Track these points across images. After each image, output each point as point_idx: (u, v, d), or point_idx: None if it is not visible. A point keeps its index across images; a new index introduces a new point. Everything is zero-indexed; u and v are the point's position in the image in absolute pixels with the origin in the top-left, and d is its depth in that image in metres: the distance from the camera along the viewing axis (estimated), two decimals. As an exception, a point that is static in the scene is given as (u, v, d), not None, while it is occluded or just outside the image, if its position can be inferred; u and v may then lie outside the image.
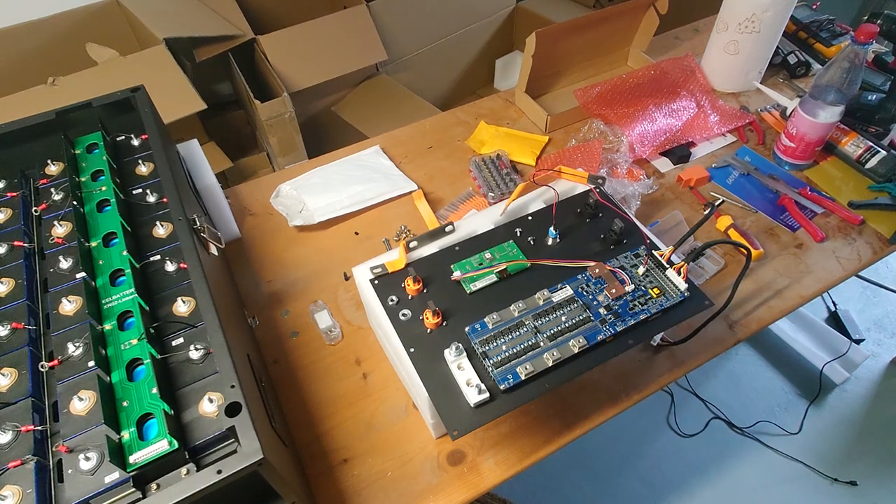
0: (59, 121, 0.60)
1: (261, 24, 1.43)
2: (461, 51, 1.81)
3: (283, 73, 1.33)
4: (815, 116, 0.80)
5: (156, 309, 0.47)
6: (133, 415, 0.40)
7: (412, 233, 0.79)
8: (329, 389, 0.63)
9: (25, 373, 0.43)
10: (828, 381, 1.43)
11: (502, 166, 0.86)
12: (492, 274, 0.54)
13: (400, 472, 0.57)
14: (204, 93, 1.15)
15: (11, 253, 0.51)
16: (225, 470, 0.35)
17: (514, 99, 1.01)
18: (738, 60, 0.96)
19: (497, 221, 0.60)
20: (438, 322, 0.50)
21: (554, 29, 0.91)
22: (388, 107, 1.53)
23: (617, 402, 0.61)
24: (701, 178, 0.84)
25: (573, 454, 1.32)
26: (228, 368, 0.40)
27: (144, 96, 0.63)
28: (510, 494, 1.24)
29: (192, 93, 1.14)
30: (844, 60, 0.75)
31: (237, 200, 0.85)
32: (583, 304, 0.51)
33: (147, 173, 0.58)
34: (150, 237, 0.52)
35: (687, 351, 0.64)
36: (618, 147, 0.88)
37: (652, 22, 1.00)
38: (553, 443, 0.58)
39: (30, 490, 0.37)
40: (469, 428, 0.45)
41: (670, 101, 0.94)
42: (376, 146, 0.92)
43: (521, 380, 0.46)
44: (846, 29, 1.06)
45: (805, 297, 0.72)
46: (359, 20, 1.44)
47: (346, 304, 0.71)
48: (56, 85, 1.08)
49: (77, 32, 1.26)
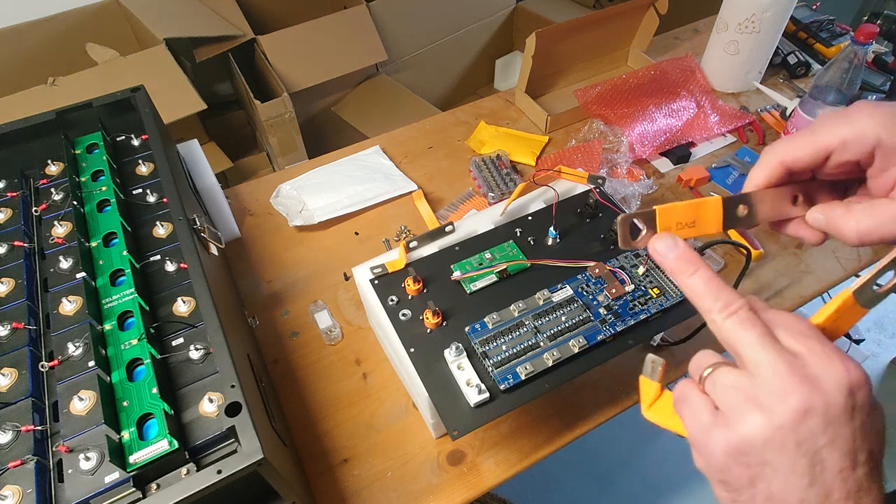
0: (59, 121, 0.60)
1: (261, 24, 1.43)
2: (461, 51, 1.82)
3: (283, 73, 1.34)
4: (815, 117, 0.80)
5: (156, 309, 0.47)
6: (133, 415, 0.40)
7: (412, 233, 0.79)
8: (329, 389, 0.63)
9: (25, 373, 0.43)
10: (828, 381, 1.43)
11: (502, 166, 0.86)
12: (492, 274, 0.54)
13: (400, 472, 0.57)
14: (204, 93, 1.15)
15: (11, 253, 0.51)
16: (225, 470, 0.35)
17: (514, 99, 1.01)
18: (738, 60, 0.96)
19: (497, 221, 0.60)
20: (438, 322, 0.50)
21: (554, 29, 0.91)
22: (388, 107, 1.53)
23: (617, 402, 0.61)
24: (701, 178, 0.84)
25: (573, 454, 1.32)
26: (228, 368, 0.40)
27: (144, 96, 0.63)
28: (510, 494, 1.24)
29: (192, 93, 1.14)
30: (844, 60, 0.75)
31: (237, 200, 0.85)
32: (583, 304, 0.51)
33: (147, 173, 0.58)
34: (150, 237, 0.52)
35: (687, 351, 0.64)
36: (618, 147, 0.88)
37: (652, 22, 1.01)
38: (553, 443, 0.58)
39: (30, 490, 0.37)
40: (469, 428, 0.45)
41: (670, 101, 0.94)
42: (376, 146, 0.92)
43: (521, 380, 0.46)
44: (846, 29, 1.06)
45: (805, 297, 0.72)
46: (359, 20, 1.44)
47: (346, 304, 0.71)
48: (56, 85, 1.08)
49: (77, 32, 1.26)
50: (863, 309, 0.28)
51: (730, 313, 0.28)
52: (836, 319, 0.29)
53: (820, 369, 0.25)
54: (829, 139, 0.31)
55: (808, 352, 0.26)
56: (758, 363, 0.26)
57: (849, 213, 0.32)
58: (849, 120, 0.31)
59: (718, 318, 0.28)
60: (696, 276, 0.29)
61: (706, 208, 0.33)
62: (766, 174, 0.33)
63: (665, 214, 0.32)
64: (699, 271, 0.29)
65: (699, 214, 0.33)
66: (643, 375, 0.33)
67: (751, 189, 0.34)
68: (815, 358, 0.26)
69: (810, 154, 0.32)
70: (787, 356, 0.26)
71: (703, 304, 0.29)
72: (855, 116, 0.31)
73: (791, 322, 0.28)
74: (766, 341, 0.27)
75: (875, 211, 0.31)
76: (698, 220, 0.33)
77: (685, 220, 0.32)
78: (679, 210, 0.32)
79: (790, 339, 0.27)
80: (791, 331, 0.27)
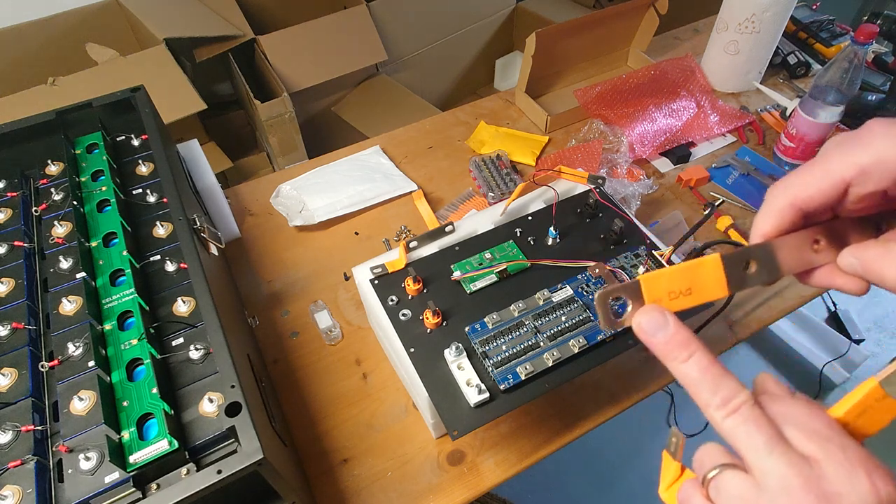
0: (59, 121, 0.60)
1: (261, 24, 1.43)
2: (461, 51, 1.82)
3: (283, 73, 1.34)
4: (814, 117, 0.80)
5: (156, 309, 0.47)
6: (133, 415, 0.40)
7: (412, 233, 0.79)
8: (329, 389, 0.63)
9: (25, 373, 0.43)
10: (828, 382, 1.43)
11: (502, 166, 0.86)
12: (492, 274, 0.54)
13: (400, 472, 0.57)
14: (204, 93, 1.15)
15: (11, 253, 0.51)
16: (225, 470, 0.35)
17: (514, 99, 1.01)
18: (738, 60, 0.96)
19: (497, 221, 0.60)
20: (438, 322, 0.50)
21: (554, 29, 0.91)
22: (388, 107, 1.53)
23: (617, 402, 0.61)
24: (701, 178, 0.84)
25: (573, 454, 1.32)
26: (228, 368, 0.40)
27: (144, 96, 0.63)
28: (510, 494, 1.24)
29: (192, 93, 1.14)
30: (844, 60, 0.75)
31: (237, 200, 0.85)
32: (583, 304, 0.51)
33: (147, 173, 0.58)
34: (150, 237, 0.53)
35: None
36: (618, 147, 0.88)
37: (652, 22, 1.01)
38: (553, 443, 0.58)
39: (30, 490, 0.37)
40: (469, 428, 0.45)
41: (670, 101, 0.94)
42: (376, 146, 0.92)
43: (521, 380, 0.46)
44: (846, 29, 1.06)
45: (805, 297, 0.72)
46: (359, 20, 1.44)
47: (346, 304, 0.71)
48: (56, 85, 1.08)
49: (77, 32, 1.26)
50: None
51: (730, 411, 0.24)
52: (860, 414, 0.24)
53: (841, 484, 0.21)
54: (844, 169, 0.26)
55: (827, 459, 0.21)
56: (765, 473, 0.22)
57: (887, 254, 0.26)
58: (862, 143, 0.26)
59: (717, 415, 0.24)
60: (691, 363, 0.25)
61: (703, 271, 0.27)
62: (774, 221, 0.28)
63: (651, 284, 0.27)
64: (694, 356, 0.25)
65: (695, 279, 0.27)
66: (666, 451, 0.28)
67: (758, 240, 0.28)
68: (834, 468, 0.21)
69: (824, 190, 0.26)
70: (799, 466, 0.22)
71: (699, 397, 0.25)
72: (868, 139, 0.26)
73: (805, 418, 0.23)
74: (773, 446, 0.22)
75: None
76: (695, 285, 0.27)
77: (678, 287, 0.27)
78: (668, 277, 0.27)
79: (804, 441, 0.22)
80: (805, 430, 0.23)
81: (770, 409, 0.24)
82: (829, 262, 0.29)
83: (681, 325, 0.26)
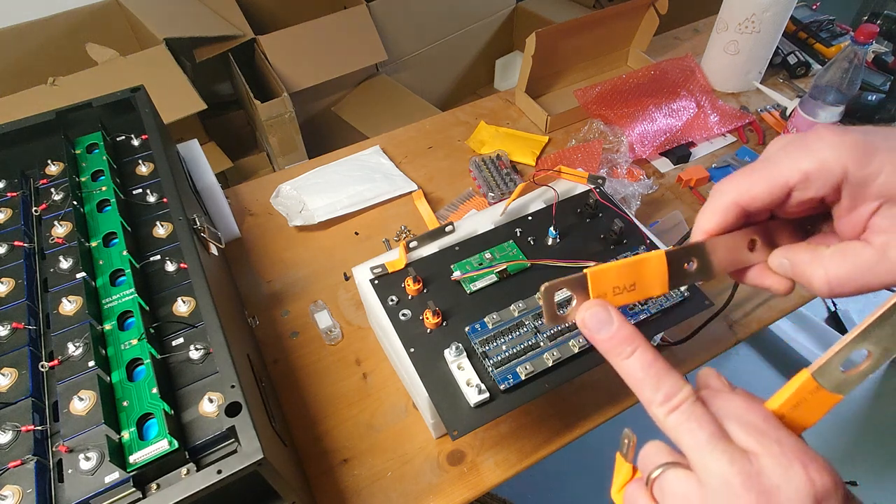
0: (59, 121, 0.60)
1: (261, 24, 1.43)
2: (461, 51, 1.82)
3: (283, 73, 1.34)
4: (815, 117, 0.80)
5: (156, 309, 0.47)
6: (133, 415, 0.40)
7: (412, 233, 0.79)
8: (329, 389, 0.63)
9: (25, 373, 0.43)
10: (828, 382, 1.43)
11: (502, 166, 0.86)
12: (492, 274, 0.54)
13: (400, 472, 0.57)
14: (204, 93, 1.15)
15: (11, 253, 0.51)
16: (225, 470, 0.35)
17: (514, 99, 1.01)
18: (738, 60, 0.96)
19: (497, 221, 0.60)
20: (438, 322, 0.50)
21: (554, 29, 0.91)
22: (388, 107, 1.53)
23: (617, 402, 0.61)
24: (701, 178, 0.84)
25: (573, 454, 1.32)
26: (228, 368, 0.40)
27: (144, 96, 0.63)
28: (510, 494, 1.24)
29: (192, 93, 1.14)
30: (844, 60, 0.75)
31: (237, 200, 0.85)
32: (583, 304, 0.51)
33: (147, 173, 0.58)
34: (150, 237, 0.53)
35: (687, 351, 0.64)
36: (618, 147, 0.88)
37: (652, 22, 1.01)
38: (553, 443, 0.58)
39: (30, 490, 0.37)
40: (469, 428, 0.45)
41: (670, 101, 0.94)
42: (376, 146, 0.92)
43: (521, 380, 0.46)
44: (846, 29, 1.06)
45: (805, 297, 0.72)
46: (359, 20, 1.45)
47: (346, 304, 0.71)
48: (56, 85, 1.08)
49: (77, 32, 1.27)
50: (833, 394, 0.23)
51: (672, 408, 0.24)
52: (795, 406, 0.24)
53: (777, 477, 0.21)
54: (790, 173, 0.26)
55: (764, 453, 0.22)
56: (706, 470, 0.22)
57: (816, 259, 0.27)
58: (809, 150, 0.26)
59: (660, 412, 0.24)
60: (634, 360, 0.25)
61: (648, 266, 0.28)
62: (718, 219, 0.28)
63: (598, 279, 0.27)
64: (636, 352, 0.25)
65: (640, 274, 0.28)
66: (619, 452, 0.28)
67: (700, 237, 0.29)
68: (771, 462, 0.21)
69: (768, 192, 0.27)
70: (740, 462, 0.22)
71: (641, 393, 0.25)
72: (817, 146, 0.26)
73: (743, 412, 0.23)
74: (715, 442, 0.22)
75: (847, 258, 0.26)
76: (639, 281, 0.28)
77: (623, 283, 0.27)
78: (615, 272, 0.27)
79: (743, 435, 0.23)
80: (744, 424, 0.23)
81: (712, 405, 0.24)
82: (760, 261, 0.30)
83: (624, 320, 0.26)
